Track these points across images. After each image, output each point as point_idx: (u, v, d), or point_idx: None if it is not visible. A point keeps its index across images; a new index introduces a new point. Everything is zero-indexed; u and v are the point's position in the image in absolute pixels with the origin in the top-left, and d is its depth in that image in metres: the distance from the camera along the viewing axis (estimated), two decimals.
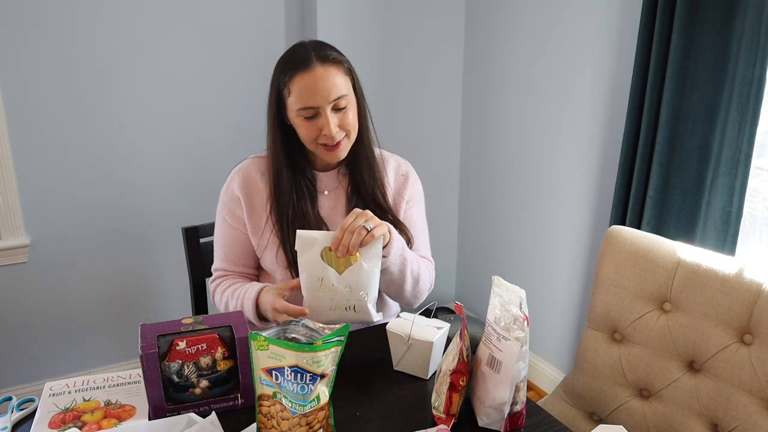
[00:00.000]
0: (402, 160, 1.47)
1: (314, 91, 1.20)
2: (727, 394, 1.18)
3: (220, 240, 1.39)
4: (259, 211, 1.34)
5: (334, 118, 1.23)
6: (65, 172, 2.15)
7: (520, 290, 1.03)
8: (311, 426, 0.90)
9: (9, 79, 2.00)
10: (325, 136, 1.23)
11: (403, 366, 1.17)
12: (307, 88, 1.20)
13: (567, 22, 2.14)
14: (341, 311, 1.16)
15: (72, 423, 0.98)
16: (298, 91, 1.21)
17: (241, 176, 1.35)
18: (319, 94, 1.20)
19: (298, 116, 1.24)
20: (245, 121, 2.36)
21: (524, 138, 2.40)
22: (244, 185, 1.34)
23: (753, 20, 1.50)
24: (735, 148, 1.59)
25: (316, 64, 1.20)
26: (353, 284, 1.14)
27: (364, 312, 1.17)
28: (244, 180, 1.34)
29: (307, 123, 1.24)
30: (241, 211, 1.34)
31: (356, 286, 1.14)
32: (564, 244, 2.29)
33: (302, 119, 1.23)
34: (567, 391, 1.45)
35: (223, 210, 1.37)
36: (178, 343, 0.99)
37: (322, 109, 1.21)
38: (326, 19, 2.31)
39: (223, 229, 1.38)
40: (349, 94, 1.25)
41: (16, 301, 2.18)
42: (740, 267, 1.20)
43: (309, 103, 1.21)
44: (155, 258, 2.37)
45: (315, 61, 1.21)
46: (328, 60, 1.22)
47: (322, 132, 1.23)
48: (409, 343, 1.13)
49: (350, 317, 1.17)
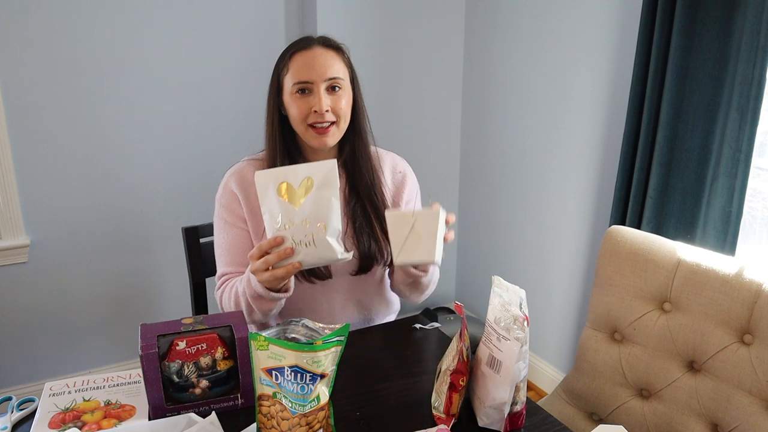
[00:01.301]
0: (398, 158, 1.47)
1: (311, 66, 1.23)
2: (727, 394, 1.18)
3: (224, 244, 1.34)
4: (257, 212, 1.30)
5: (327, 98, 1.24)
6: (65, 172, 2.15)
7: (520, 290, 1.04)
8: (311, 426, 0.90)
9: (9, 79, 2.00)
10: (315, 113, 1.24)
11: (406, 254, 1.06)
12: (304, 63, 1.24)
13: (567, 22, 2.14)
14: (303, 249, 1.06)
15: (72, 423, 0.98)
16: (295, 67, 1.25)
17: (237, 177, 1.34)
18: (315, 69, 1.23)
19: (293, 94, 1.25)
20: (245, 121, 2.36)
21: (524, 138, 2.40)
22: (241, 186, 1.33)
23: (753, 20, 1.50)
24: (735, 148, 1.59)
25: (316, 45, 1.26)
26: (310, 216, 1.05)
27: (324, 246, 1.06)
28: (241, 181, 1.33)
29: (299, 101, 1.25)
30: (241, 209, 1.33)
31: (313, 218, 1.05)
32: (564, 244, 2.29)
33: (296, 96, 1.25)
34: (567, 391, 1.45)
35: (223, 212, 1.34)
36: (178, 343, 0.99)
37: (316, 85, 1.23)
38: (326, 18, 2.31)
39: (225, 231, 1.34)
40: (346, 81, 1.28)
41: (16, 301, 2.18)
42: (740, 267, 1.20)
43: (304, 77, 1.23)
44: (155, 258, 2.37)
45: (316, 42, 1.27)
46: (330, 44, 1.27)
47: (312, 109, 1.24)
48: (414, 219, 1.04)
49: (312, 256, 1.07)
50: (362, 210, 1.35)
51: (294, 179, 1.06)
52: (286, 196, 1.06)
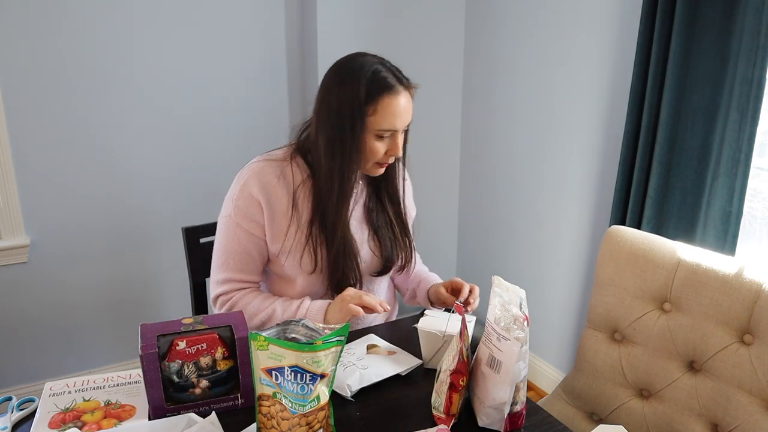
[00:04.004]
0: (400, 165, 1.46)
1: (398, 115, 1.24)
2: (727, 394, 1.18)
3: (233, 249, 1.31)
4: (280, 216, 1.30)
5: (401, 140, 1.29)
6: (65, 172, 2.15)
7: (520, 290, 1.04)
8: (311, 426, 0.90)
9: (9, 79, 2.00)
10: (390, 156, 1.29)
11: (435, 362, 1.16)
12: (394, 112, 1.24)
13: (567, 22, 2.14)
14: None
15: (72, 423, 0.98)
16: (383, 113, 1.23)
17: (258, 180, 1.29)
18: (401, 119, 1.25)
19: (375, 135, 1.25)
20: (245, 121, 2.36)
21: (524, 137, 2.40)
22: (264, 189, 1.29)
23: (753, 20, 1.50)
24: (735, 148, 1.59)
25: (401, 89, 1.25)
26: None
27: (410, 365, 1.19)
28: (263, 184, 1.29)
29: (379, 143, 1.26)
30: (262, 217, 1.29)
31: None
32: (564, 244, 2.29)
33: (377, 138, 1.26)
34: (567, 391, 1.45)
35: (238, 215, 1.29)
36: (178, 343, 0.99)
37: (398, 131, 1.27)
38: (326, 18, 2.31)
39: (236, 235, 1.30)
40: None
41: (16, 301, 2.18)
42: (740, 267, 1.20)
43: (392, 126, 1.24)
44: (155, 258, 2.37)
45: (399, 85, 1.25)
46: (408, 86, 1.28)
47: (388, 152, 1.28)
48: (443, 341, 1.14)
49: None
50: (384, 216, 1.41)
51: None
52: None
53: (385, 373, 1.12)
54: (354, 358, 1.16)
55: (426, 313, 1.23)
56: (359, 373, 1.10)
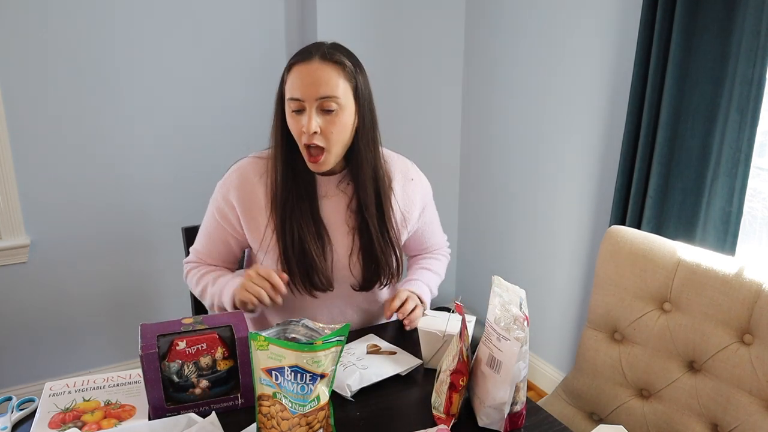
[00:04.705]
0: (409, 163, 1.42)
1: (303, 83, 1.16)
2: (727, 394, 1.18)
3: (207, 231, 1.37)
4: (257, 213, 1.29)
5: (318, 119, 1.17)
6: (65, 172, 2.15)
7: (520, 290, 1.04)
8: (311, 426, 0.90)
9: (9, 79, 2.00)
10: (304, 134, 1.18)
11: (435, 362, 1.17)
12: (298, 79, 1.17)
13: (567, 22, 2.14)
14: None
15: (72, 423, 0.98)
16: (291, 81, 1.18)
17: (237, 178, 1.30)
18: (306, 88, 1.16)
19: (288, 108, 1.20)
20: (245, 121, 2.36)
21: (524, 138, 2.40)
22: (240, 188, 1.29)
23: (753, 20, 1.50)
24: (735, 148, 1.59)
25: (315, 58, 1.17)
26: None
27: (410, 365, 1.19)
28: (241, 182, 1.29)
29: (294, 119, 1.20)
30: (234, 216, 1.30)
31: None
32: (564, 244, 2.29)
33: (291, 113, 1.20)
34: (567, 391, 1.45)
35: (214, 205, 1.34)
36: (178, 343, 0.99)
37: (307, 103, 1.16)
38: (326, 18, 2.31)
39: (212, 222, 1.35)
40: (344, 100, 1.18)
41: (16, 301, 2.18)
42: (740, 267, 1.20)
43: (295, 94, 1.17)
44: (155, 258, 2.37)
45: (315, 55, 1.17)
46: (330, 59, 1.17)
47: (302, 129, 1.18)
48: (444, 340, 1.14)
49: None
50: (367, 230, 1.29)
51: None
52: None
53: (385, 373, 1.12)
54: (354, 358, 1.16)
55: (426, 312, 1.24)
56: (359, 373, 1.10)
